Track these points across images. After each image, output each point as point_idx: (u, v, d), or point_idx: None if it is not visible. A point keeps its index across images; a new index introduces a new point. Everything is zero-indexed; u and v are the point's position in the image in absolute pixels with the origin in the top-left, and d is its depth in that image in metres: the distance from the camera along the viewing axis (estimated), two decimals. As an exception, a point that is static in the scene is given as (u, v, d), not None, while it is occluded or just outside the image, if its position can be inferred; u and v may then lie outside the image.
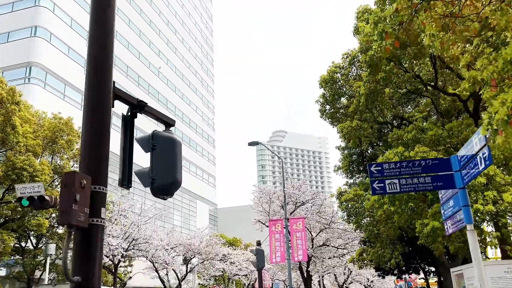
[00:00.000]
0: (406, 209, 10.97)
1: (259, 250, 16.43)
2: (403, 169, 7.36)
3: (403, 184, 7.32)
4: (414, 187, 7.31)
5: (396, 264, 17.37)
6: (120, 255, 25.86)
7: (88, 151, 4.37)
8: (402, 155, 11.28)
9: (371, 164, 7.46)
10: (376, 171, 7.41)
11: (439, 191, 8.45)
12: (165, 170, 5.08)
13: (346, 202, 17.25)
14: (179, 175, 5.18)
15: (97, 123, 4.51)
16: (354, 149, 23.58)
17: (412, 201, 10.97)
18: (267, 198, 25.82)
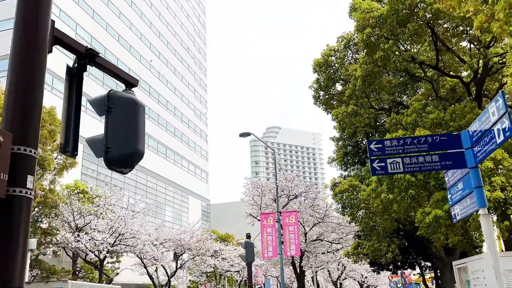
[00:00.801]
0: (406, 197, 10.12)
1: (249, 243, 15.51)
2: (407, 146, 6.47)
3: (407, 164, 6.44)
4: (419, 167, 6.43)
5: (393, 258, 16.57)
6: (106, 251, 24.88)
7: (13, 102, 3.35)
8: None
9: (371, 141, 6.56)
10: (376, 149, 6.51)
11: (446, 174, 7.58)
12: (123, 137, 4.14)
13: (340, 193, 16.39)
14: (141, 145, 4.24)
15: (27, 68, 3.48)
16: (348, 140, 22.74)
17: (413, 188, 10.12)
18: (259, 191, 24.93)
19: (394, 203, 10.73)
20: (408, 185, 9.97)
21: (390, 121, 12.77)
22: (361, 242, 17.40)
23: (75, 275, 29.67)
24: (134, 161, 4.16)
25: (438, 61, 12.58)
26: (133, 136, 4.14)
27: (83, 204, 26.29)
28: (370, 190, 12.63)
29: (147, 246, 27.95)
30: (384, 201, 11.35)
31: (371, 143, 6.54)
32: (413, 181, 9.84)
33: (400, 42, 11.86)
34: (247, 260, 15.08)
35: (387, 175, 10.28)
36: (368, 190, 12.54)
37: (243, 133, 24.91)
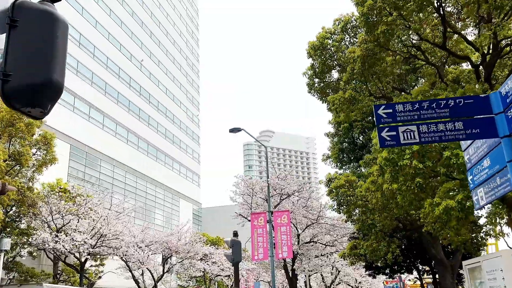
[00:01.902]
0: (412, 187, 8.92)
1: (235, 241, 14.15)
2: (423, 111, 5.22)
3: (423, 132, 5.18)
4: (439, 136, 5.17)
5: (393, 259, 15.32)
6: (87, 253, 23.40)
7: None
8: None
9: (378, 105, 5.30)
10: (385, 115, 5.26)
11: (465, 152, 6.33)
12: (31, 62, 2.85)
13: (336, 189, 15.13)
14: (58, 74, 2.96)
15: None
16: (344, 136, 21.53)
17: (420, 176, 8.89)
18: (250, 189, 23.61)
19: (398, 194, 9.52)
20: (415, 173, 8.76)
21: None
22: (358, 242, 16.15)
23: (56, 278, 28.13)
24: (46, 95, 2.87)
25: (446, 39, 11.41)
26: (46, 61, 2.85)
27: (66, 203, 24.80)
28: (370, 183, 11.38)
29: (132, 248, 26.49)
30: (386, 194, 10.12)
31: (378, 108, 5.29)
32: (420, 168, 8.62)
33: (403, 18, 10.69)
34: (233, 260, 13.71)
35: (390, 163, 9.07)
36: (368, 182, 11.30)
37: (233, 129, 23.67)
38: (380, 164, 9.36)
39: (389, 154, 8.92)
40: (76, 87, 49.80)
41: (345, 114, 13.47)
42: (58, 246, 22.28)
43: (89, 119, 52.17)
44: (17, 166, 22.77)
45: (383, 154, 8.96)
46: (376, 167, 9.77)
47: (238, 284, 13.95)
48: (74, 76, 49.91)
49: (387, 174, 9.23)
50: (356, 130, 19.90)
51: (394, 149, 9.02)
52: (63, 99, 47.21)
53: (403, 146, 9.08)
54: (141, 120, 62.80)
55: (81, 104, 50.67)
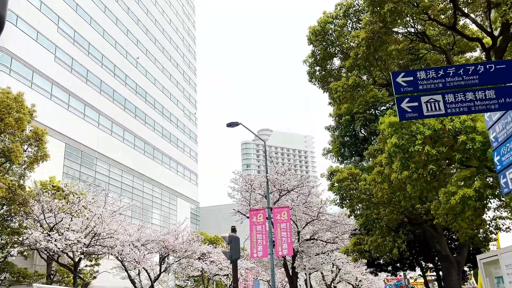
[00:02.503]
0: (424, 174, 8.24)
1: (233, 237, 13.41)
2: (449, 78, 4.53)
3: (450, 103, 4.50)
4: (468, 107, 4.48)
5: (400, 255, 14.64)
6: (80, 252, 22.66)
7: None
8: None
9: (397, 72, 4.61)
10: (405, 83, 4.57)
11: (491, 130, 5.65)
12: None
13: (339, 182, 14.44)
14: None
15: None
16: (346, 128, 20.85)
17: (434, 163, 8.21)
18: (248, 185, 22.90)
19: (408, 183, 8.84)
20: (427, 160, 8.08)
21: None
22: (362, 238, 15.47)
23: (50, 278, 27.39)
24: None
25: (456, 19, 10.73)
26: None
27: (58, 200, 24.03)
28: (376, 174, 10.70)
29: (127, 248, 25.75)
30: (394, 184, 9.43)
31: (397, 75, 4.60)
32: (433, 154, 7.93)
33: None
34: (232, 257, 12.96)
35: (400, 150, 8.39)
36: (374, 173, 10.60)
37: (231, 123, 22.93)
38: (389, 151, 8.69)
39: (399, 140, 8.25)
40: (70, 85, 49.00)
41: (348, 102, 12.76)
42: (51, 246, 21.53)
43: (84, 117, 51.35)
44: (7, 163, 22.02)
45: (392, 140, 8.28)
46: (384, 156, 9.08)
47: (236, 282, 13.24)
48: (67, 73, 49.10)
49: (397, 162, 8.54)
50: (358, 122, 19.23)
51: (404, 135, 8.35)
52: (56, 97, 46.43)
53: (413, 131, 8.41)
54: (137, 119, 62.02)
55: (75, 102, 49.86)
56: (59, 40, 48.33)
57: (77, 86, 50.25)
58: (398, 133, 8.35)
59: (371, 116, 19.46)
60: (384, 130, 8.63)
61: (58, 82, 47.20)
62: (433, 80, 4.51)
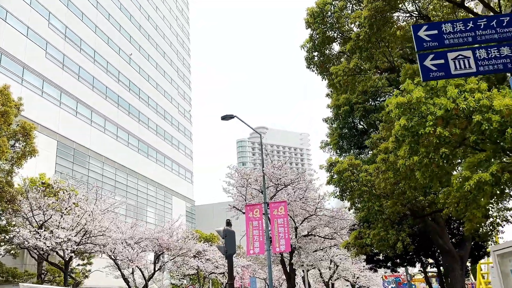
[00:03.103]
0: (436, 159, 7.57)
1: (229, 231, 12.70)
2: (480, 31, 3.86)
3: (481, 59, 3.83)
4: (503, 64, 3.82)
5: (404, 249, 14.01)
6: (70, 250, 21.89)
7: None
8: (427, 85, 7.84)
9: (419, 25, 3.92)
10: (428, 38, 3.90)
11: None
12: None
13: (339, 173, 13.77)
14: None
15: None
16: (344, 119, 20.19)
17: (446, 146, 7.55)
18: (244, 180, 22.21)
19: (417, 170, 8.18)
20: (439, 143, 7.42)
21: (406, 72, 10.15)
22: (364, 232, 14.83)
23: (40, 278, 26.59)
24: None
25: (465, -5, 10.12)
26: None
27: (47, 197, 23.24)
28: (380, 161, 10.04)
29: (120, 245, 25.00)
30: (401, 171, 8.76)
31: (419, 29, 3.94)
32: (446, 136, 7.28)
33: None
34: (227, 252, 12.26)
35: (409, 132, 7.72)
36: (378, 160, 9.93)
37: (226, 116, 22.28)
38: (396, 135, 8.03)
39: (408, 122, 7.59)
40: (62, 82, 48.09)
41: (349, 88, 12.09)
42: (40, 244, 20.75)
43: (77, 115, 50.44)
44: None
45: (401, 122, 7.62)
46: (390, 140, 8.38)
47: (232, 279, 12.55)
48: (60, 70, 48.20)
49: (405, 146, 7.87)
50: (357, 113, 18.57)
51: (414, 117, 7.69)
52: (48, 94, 45.55)
53: (423, 112, 7.73)
54: (131, 116, 61.15)
55: (67, 99, 48.95)
56: (50, 36, 47.40)
57: (69, 82, 49.34)
58: (407, 115, 7.70)
59: (371, 106, 18.82)
60: (391, 111, 7.97)
61: (49, 78, 46.28)
62: (461, 34, 3.85)
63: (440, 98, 7.65)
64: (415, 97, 7.57)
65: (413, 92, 7.70)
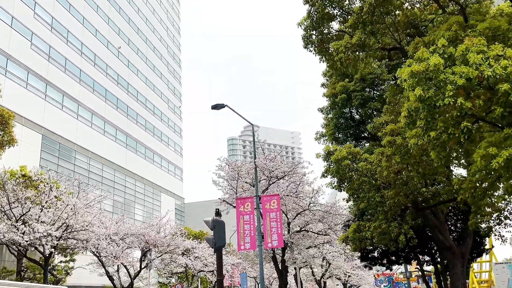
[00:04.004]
0: (457, 134, 6.59)
1: (218, 221, 11.59)
2: None
3: None
4: None
5: (407, 242, 13.08)
6: (50, 245, 20.65)
7: None
8: (444, 53, 6.90)
9: None
10: None
11: None
12: None
13: (337, 162, 12.79)
14: None
15: None
16: (340, 110, 19.23)
17: (468, 120, 6.59)
18: (235, 173, 21.17)
19: (431, 150, 7.22)
20: (460, 116, 6.46)
21: (415, 46, 9.13)
22: (363, 224, 13.87)
23: (20, 275, 25.30)
24: None
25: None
26: None
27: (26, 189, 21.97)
28: (386, 144, 9.06)
29: (103, 241, 23.81)
30: (413, 152, 7.77)
31: None
32: (468, 108, 6.32)
33: None
34: (215, 244, 11.16)
35: (425, 105, 6.73)
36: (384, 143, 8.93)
37: (216, 105, 21.19)
38: (409, 109, 7.05)
39: (424, 93, 6.62)
40: (48, 74, 46.60)
41: (351, 67, 11.09)
42: (17, 238, 19.48)
43: (63, 108, 48.94)
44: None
45: (416, 93, 6.63)
46: (402, 115, 7.36)
47: (221, 274, 11.47)
48: (45, 62, 46.69)
49: (420, 122, 6.89)
50: (355, 101, 17.62)
51: (430, 89, 6.70)
52: (33, 86, 44.06)
53: (442, 81, 6.75)
54: (119, 110, 59.72)
55: (53, 92, 47.45)
56: (36, 27, 45.88)
57: (55, 75, 47.85)
58: (422, 85, 6.73)
59: (369, 94, 17.90)
60: (404, 82, 6.99)
61: (34, 70, 44.77)
62: None
63: (460, 66, 6.68)
64: (432, 63, 6.61)
65: (430, 59, 6.73)
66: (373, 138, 19.09)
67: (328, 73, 19.81)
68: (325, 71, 20.13)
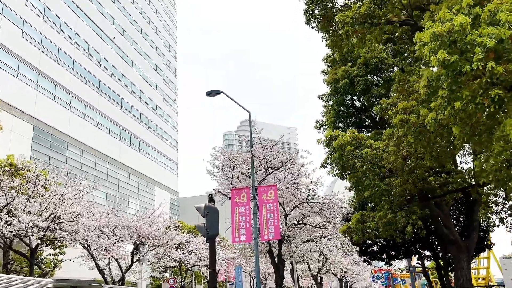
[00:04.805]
0: (486, 103, 5.72)
1: (211, 208, 10.65)
2: None
3: None
4: None
5: (414, 234, 12.25)
6: (36, 237, 19.71)
7: None
8: (470, 13, 6.02)
9: None
10: None
11: None
12: None
13: (339, 148, 11.90)
14: None
15: None
16: (342, 96, 18.33)
17: (499, 87, 5.71)
18: (230, 162, 20.27)
19: (453, 125, 6.35)
20: (490, 82, 5.60)
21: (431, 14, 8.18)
22: (367, 214, 13.01)
23: (6, 268, 24.31)
24: None
25: None
26: None
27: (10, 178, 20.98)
28: (398, 123, 8.17)
29: (92, 233, 22.87)
30: (430, 128, 6.89)
31: None
32: (500, 73, 5.44)
33: None
34: (208, 233, 10.22)
35: (449, 70, 5.85)
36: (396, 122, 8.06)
37: (211, 91, 20.28)
38: (429, 77, 6.18)
39: (449, 56, 5.75)
40: (40, 64, 45.43)
41: (358, 40, 10.19)
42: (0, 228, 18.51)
43: (55, 99, 47.79)
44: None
45: (440, 56, 5.74)
46: (422, 84, 6.46)
47: (214, 265, 10.55)
48: (38, 51, 45.50)
49: (442, 91, 6.00)
50: (358, 87, 16.73)
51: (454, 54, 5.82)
52: (24, 76, 42.90)
53: (469, 43, 5.86)
54: (113, 102, 58.58)
55: (45, 82, 46.29)
56: (28, 15, 44.68)
57: (47, 64, 46.68)
58: (446, 48, 5.87)
59: (373, 79, 17.01)
60: (423, 47, 6.10)
61: (25, 59, 43.60)
62: None
63: (488, 28, 5.81)
64: (458, 23, 5.74)
65: (455, 19, 5.85)
66: (376, 126, 18.22)
67: (330, 58, 18.92)
68: (326, 56, 19.23)
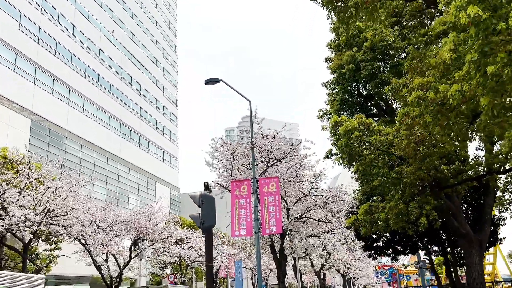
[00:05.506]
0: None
1: (207, 197, 9.78)
2: None
3: None
4: None
5: (429, 224, 11.40)
6: (29, 231, 18.93)
7: None
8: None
9: None
10: None
11: None
12: None
13: (346, 134, 11.06)
14: None
15: None
16: (348, 83, 17.44)
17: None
18: (230, 154, 19.44)
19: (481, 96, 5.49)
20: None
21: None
22: (375, 205, 12.17)
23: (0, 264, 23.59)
24: None
25: None
26: None
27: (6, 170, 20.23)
28: (414, 100, 7.30)
29: (88, 228, 22.09)
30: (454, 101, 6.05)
31: None
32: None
33: None
34: (203, 224, 9.39)
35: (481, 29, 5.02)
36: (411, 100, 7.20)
37: (210, 79, 19.37)
38: (455, 41, 5.33)
39: (483, 12, 4.90)
40: (38, 57, 44.60)
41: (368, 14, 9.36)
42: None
43: (53, 93, 46.98)
44: None
45: (470, 11, 4.90)
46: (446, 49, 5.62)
47: (211, 259, 9.68)
48: (35, 44, 44.66)
49: (472, 55, 5.16)
50: (364, 72, 15.85)
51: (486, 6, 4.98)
52: (21, 69, 42.09)
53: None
54: (112, 97, 57.75)
55: (43, 76, 45.47)
56: (25, 7, 43.83)
57: (45, 58, 45.86)
58: (477, 4, 5.04)
59: (380, 65, 16.12)
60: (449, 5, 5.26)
61: (23, 52, 42.77)
62: None
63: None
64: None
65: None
66: (383, 115, 17.35)
67: (334, 43, 18.05)
68: (330, 42, 18.36)
